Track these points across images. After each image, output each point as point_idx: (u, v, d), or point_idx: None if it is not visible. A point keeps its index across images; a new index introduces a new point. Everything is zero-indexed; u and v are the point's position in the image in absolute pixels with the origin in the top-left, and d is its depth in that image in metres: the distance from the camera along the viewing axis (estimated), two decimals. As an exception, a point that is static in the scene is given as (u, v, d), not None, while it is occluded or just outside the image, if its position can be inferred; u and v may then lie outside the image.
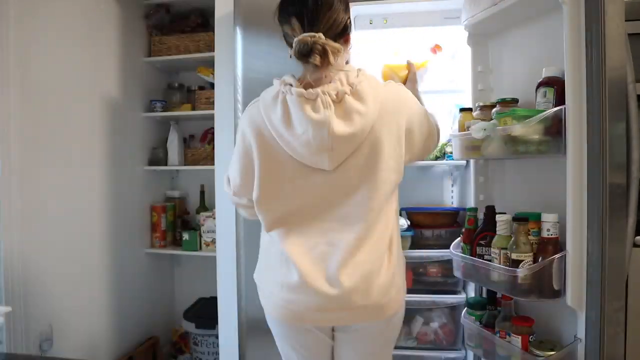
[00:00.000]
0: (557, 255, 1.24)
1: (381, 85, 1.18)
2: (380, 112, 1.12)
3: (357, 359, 1.26)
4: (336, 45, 1.09)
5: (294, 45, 1.09)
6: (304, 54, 1.08)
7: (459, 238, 1.65)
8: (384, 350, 1.30)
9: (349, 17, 1.17)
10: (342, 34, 1.15)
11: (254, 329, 1.85)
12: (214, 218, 2.39)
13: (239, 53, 1.83)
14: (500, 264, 1.34)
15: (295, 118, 1.09)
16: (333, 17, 1.11)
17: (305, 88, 1.11)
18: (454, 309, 1.95)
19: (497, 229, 1.39)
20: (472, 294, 1.88)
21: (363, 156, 1.12)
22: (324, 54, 1.07)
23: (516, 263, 1.28)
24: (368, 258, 1.13)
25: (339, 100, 1.09)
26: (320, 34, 1.07)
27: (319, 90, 1.09)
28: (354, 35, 1.91)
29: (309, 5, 1.09)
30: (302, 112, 1.08)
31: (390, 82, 1.24)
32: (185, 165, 2.66)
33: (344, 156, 1.12)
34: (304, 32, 1.09)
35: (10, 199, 1.74)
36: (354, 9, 1.84)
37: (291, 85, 1.12)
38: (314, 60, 1.07)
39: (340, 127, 1.08)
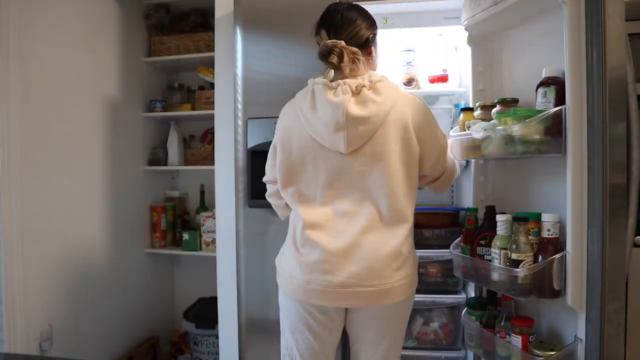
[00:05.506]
0: (557, 255, 1.24)
1: (401, 90, 1.33)
2: (395, 107, 1.26)
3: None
4: (353, 49, 1.28)
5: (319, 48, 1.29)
6: (324, 54, 1.27)
7: (459, 238, 1.65)
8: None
9: (373, 34, 1.37)
10: (363, 46, 1.32)
11: (254, 329, 1.85)
12: (214, 218, 2.39)
13: (239, 53, 1.83)
14: (500, 264, 1.34)
15: (319, 103, 1.27)
16: (355, 30, 1.30)
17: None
18: (454, 309, 1.95)
19: (497, 229, 1.38)
20: (472, 294, 1.87)
21: (377, 145, 1.25)
22: (340, 55, 1.26)
23: (516, 263, 1.28)
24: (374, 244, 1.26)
25: (357, 92, 1.26)
26: (342, 41, 1.27)
27: (340, 81, 1.27)
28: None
29: (336, 20, 1.31)
30: (324, 97, 1.26)
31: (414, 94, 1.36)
32: (185, 165, 2.66)
33: (358, 142, 1.25)
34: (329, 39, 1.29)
35: (10, 199, 1.74)
36: (354, 9, 1.84)
37: (320, 79, 1.31)
38: (332, 60, 1.25)
39: (354, 109, 1.23)
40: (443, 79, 2.04)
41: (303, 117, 1.30)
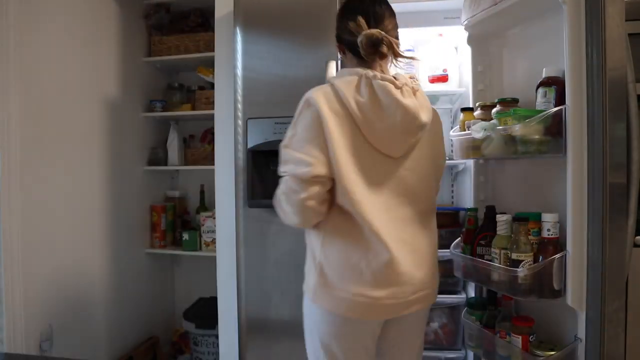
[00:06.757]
0: (557, 255, 1.24)
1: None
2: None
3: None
4: (397, 41, 1.21)
5: (362, 37, 1.17)
6: (375, 43, 1.17)
7: (459, 238, 1.65)
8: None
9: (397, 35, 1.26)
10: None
11: (253, 329, 1.85)
12: (214, 218, 2.39)
13: (239, 53, 1.83)
14: (500, 264, 1.34)
15: (385, 102, 1.15)
16: (391, 25, 1.23)
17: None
18: (454, 309, 1.95)
19: (497, 229, 1.39)
20: (472, 294, 1.87)
21: (423, 151, 1.25)
22: (390, 46, 1.19)
23: (516, 263, 1.28)
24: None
25: (414, 92, 1.20)
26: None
27: (403, 79, 1.18)
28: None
29: (376, 9, 1.21)
30: (394, 97, 1.14)
31: None
32: (185, 165, 2.66)
33: (410, 146, 1.22)
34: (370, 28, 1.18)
35: (10, 199, 1.74)
36: (354, 9, 1.84)
37: (373, 74, 1.18)
38: (383, 50, 1.18)
39: (423, 115, 1.19)
40: (443, 79, 2.04)
41: (360, 114, 1.15)
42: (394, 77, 1.17)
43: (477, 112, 1.60)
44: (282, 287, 1.83)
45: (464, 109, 1.68)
